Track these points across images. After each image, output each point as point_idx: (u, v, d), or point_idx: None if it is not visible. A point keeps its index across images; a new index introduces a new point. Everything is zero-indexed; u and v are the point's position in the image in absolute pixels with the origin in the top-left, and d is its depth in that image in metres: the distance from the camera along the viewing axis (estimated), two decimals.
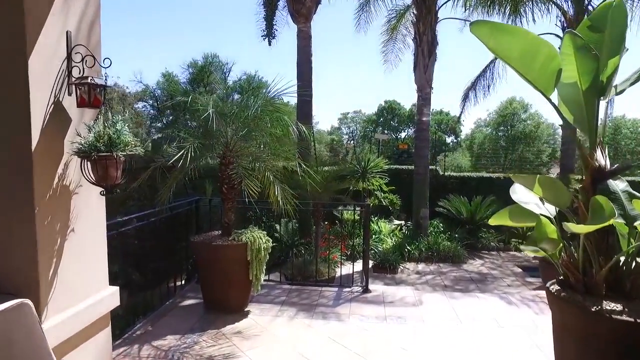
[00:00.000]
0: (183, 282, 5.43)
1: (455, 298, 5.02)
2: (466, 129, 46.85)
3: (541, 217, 2.96)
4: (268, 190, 4.41)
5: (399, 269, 7.40)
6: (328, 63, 79.10)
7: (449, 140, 45.70)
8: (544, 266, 6.43)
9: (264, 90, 4.68)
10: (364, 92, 78.46)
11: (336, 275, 6.20)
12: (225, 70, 35.70)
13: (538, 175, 2.79)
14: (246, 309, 4.54)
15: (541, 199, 3.07)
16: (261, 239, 4.42)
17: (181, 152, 3.57)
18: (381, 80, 79.15)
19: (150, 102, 31.85)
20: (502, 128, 33.87)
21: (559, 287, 2.84)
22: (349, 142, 50.54)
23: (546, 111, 61.31)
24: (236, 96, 37.42)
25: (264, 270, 4.55)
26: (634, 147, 32.52)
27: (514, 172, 29.94)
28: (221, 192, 4.48)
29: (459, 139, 47.21)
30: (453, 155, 37.79)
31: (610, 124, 33.45)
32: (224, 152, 4.34)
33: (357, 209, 9.74)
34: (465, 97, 11.65)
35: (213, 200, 5.73)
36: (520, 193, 3.24)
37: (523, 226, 3.90)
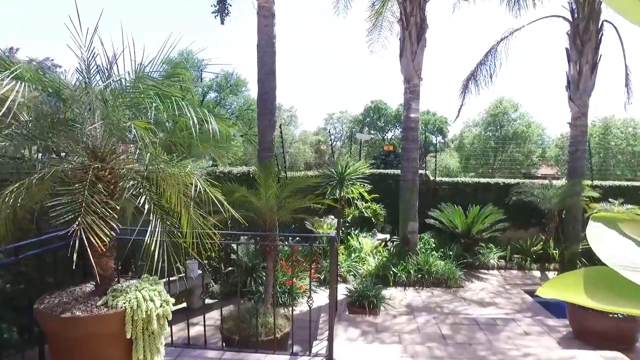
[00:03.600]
0: None
1: None
2: (453, 129, 45.74)
3: None
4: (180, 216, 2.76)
5: (381, 307, 5.75)
6: (312, 59, 77.34)
7: (435, 140, 44.45)
8: (574, 310, 4.86)
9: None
10: (350, 92, 76.90)
11: (295, 313, 4.52)
12: (201, 68, 33.81)
13: None
14: None
15: None
16: (152, 301, 2.71)
17: None
18: (368, 79, 77.67)
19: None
20: (491, 128, 32.65)
21: None
22: (334, 142, 49.06)
23: (535, 110, 60.75)
24: (213, 95, 35.68)
25: (161, 349, 2.84)
26: (624, 147, 31.65)
27: (505, 173, 28.69)
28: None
29: (445, 139, 46.02)
30: (440, 156, 36.45)
31: (600, 124, 32.58)
32: (88, 161, 2.61)
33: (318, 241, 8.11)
34: (465, 88, 10.07)
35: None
36: (616, 246, 1.62)
37: (618, 312, 2.41)
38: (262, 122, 7.53)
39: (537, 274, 8.93)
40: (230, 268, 7.64)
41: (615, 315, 4.33)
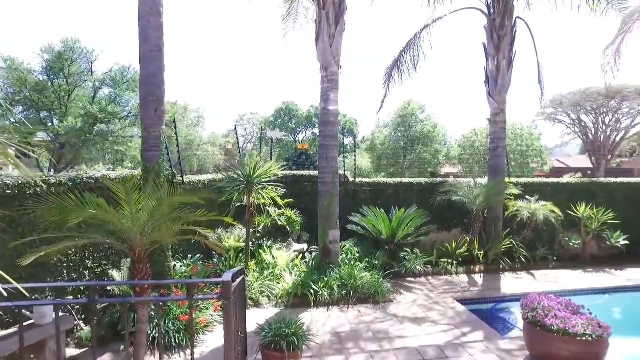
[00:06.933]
0: None
1: None
2: (363, 131, 46.50)
3: None
4: None
5: (304, 348, 4.50)
6: (222, 59, 74.08)
7: (346, 142, 44.77)
8: (532, 331, 4.08)
9: None
10: (261, 93, 74.87)
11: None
12: (91, 59, 29.80)
13: None
14: None
15: None
16: None
17: None
18: (279, 79, 76.31)
19: None
20: (400, 129, 33.41)
21: None
22: (244, 144, 47.30)
23: (439, 113, 64.55)
24: (107, 91, 31.73)
25: None
26: (515, 147, 34.40)
27: (415, 172, 29.42)
28: None
29: (356, 140, 46.54)
30: (352, 156, 36.50)
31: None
32: None
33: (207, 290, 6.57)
34: (389, 77, 9.30)
35: None
36: None
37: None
38: (146, 112, 5.87)
39: (465, 278, 8.39)
40: (107, 299, 5.85)
41: (587, 338, 3.60)
